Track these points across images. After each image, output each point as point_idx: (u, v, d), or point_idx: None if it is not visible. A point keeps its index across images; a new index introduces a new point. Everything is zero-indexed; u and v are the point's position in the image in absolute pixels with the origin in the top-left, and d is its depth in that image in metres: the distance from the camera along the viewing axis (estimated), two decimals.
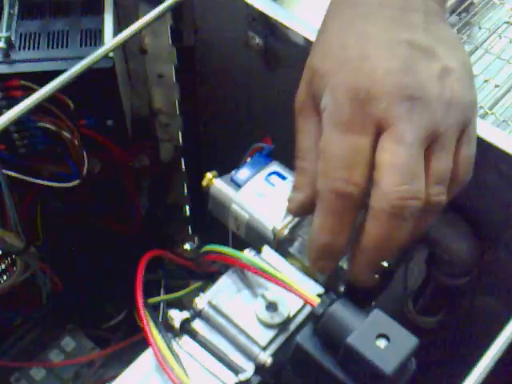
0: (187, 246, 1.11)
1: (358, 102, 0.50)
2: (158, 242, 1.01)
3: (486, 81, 1.24)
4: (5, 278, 0.88)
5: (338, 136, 0.51)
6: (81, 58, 0.68)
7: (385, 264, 0.77)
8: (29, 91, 0.68)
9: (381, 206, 0.50)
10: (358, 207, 0.51)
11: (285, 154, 0.64)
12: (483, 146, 0.60)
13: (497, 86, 1.24)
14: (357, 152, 0.50)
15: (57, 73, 0.66)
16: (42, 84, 0.66)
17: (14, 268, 0.85)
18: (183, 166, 1.02)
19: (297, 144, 0.58)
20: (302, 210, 0.57)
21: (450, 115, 0.51)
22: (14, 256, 0.85)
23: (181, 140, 0.98)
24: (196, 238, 1.13)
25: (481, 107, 1.19)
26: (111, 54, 0.72)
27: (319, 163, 0.52)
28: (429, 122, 0.50)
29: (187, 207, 1.08)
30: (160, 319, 0.65)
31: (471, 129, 0.54)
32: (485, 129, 0.61)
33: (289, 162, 0.64)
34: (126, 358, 0.56)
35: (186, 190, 1.05)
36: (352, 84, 0.51)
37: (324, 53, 0.55)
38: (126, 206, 0.97)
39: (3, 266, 0.89)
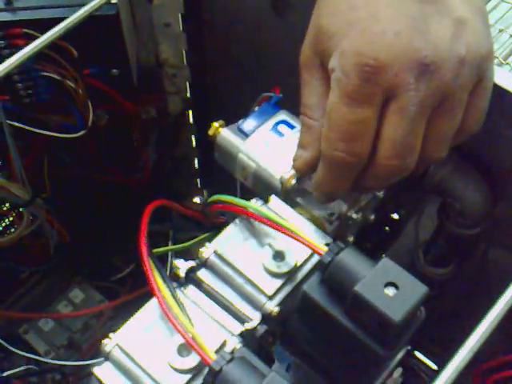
0: (196, 200, 1.11)
1: (365, 73, 0.49)
2: (167, 195, 1.01)
3: (501, 30, 1.22)
4: (12, 230, 0.88)
5: (343, 107, 0.50)
6: (85, 5, 0.66)
7: (395, 216, 0.77)
8: (32, 39, 0.67)
9: (373, 173, 0.53)
10: (359, 169, 0.53)
11: (294, 102, 0.62)
12: (499, 94, 0.58)
13: None
14: (361, 125, 0.50)
15: (60, 20, 0.65)
16: (45, 32, 0.65)
17: (21, 220, 0.84)
18: (191, 118, 1.01)
19: (302, 99, 0.57)
20: (308, 169, 0.58)
21: (463, 73, 0.50)
22: (21, 209, 0.84)
23: (188, 91, 0.97)
24: (204, 192, 1.12)
25: (495, 57, 1.17)
26: (115, 1, 0.71)
27: (324, 126, 0.53)
28: (438, 87, 0.49)
29: (195, 160, 1.07)
30: (168, 271, 0.65)
31: (487, 79, 0.53)
32: (500, 76, 0.59)
33: (298, 110, 0.63)
34: (134, 309, 0.56)
35: (194, 143, 1.04)
36: (360, 50, 0.49)
37: (331, 11, 0.53)
38: (133, 158, 0.97)
39: (11, 219, 0.89)
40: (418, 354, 0.97)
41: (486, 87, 0.54)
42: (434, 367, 0.97)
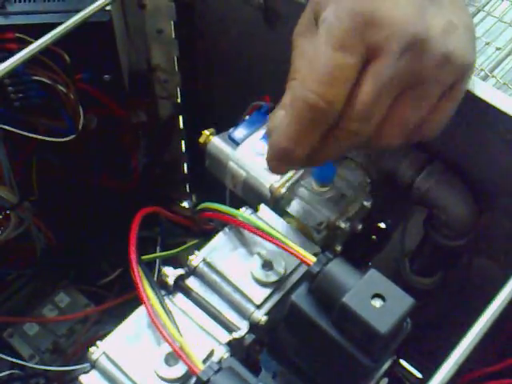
0: (185, 204, 1.11)
1: (358, 23, 0.48)
2: (156, 200, 1.01)
3: (487, 43, 1.23)
4: None
5: (327, 50, 0.49)
6: (78, 11, 0.66)
7: (382, 225, 0.78)
8: (24, 44, 0.67)
9: (335, 136, 0.51)
10: (327, 124, 0.51)
11: None
12: (483, 108, 0.59)
13: (498, 49, 1.23)
14: (340, 71, 0.49)
15: (53, 25, 0.65)
16: (37, 37, 0.65)
17: (8, 223, 0.84)
18: (181, 124, 1.01)
19: (291, 66, 0.55)
20: None
21: (443, 69, 0.51)
22: (8, 211, 0.84)
23: (179, 97, 0.97)
24: (194, 197, 1.12)
25: (481, 70, 1.18)
26: (108, 8, 0.71)
27: (303, 69, 0.52)
28: (417, 68, 0.50)
29: (185, 165, 1.07)
30: (155, 277, 0.65)
31: (460, 88, 0.54)
32: (486, 91, 0.60)
33: None
34: (120, 314, 0.56)
35: (183, 148, 1.04)
36: (359, 3, 0.49)
37: None
38: (122, 163, 0.97)
39: None
40: (402, 362, 0.98)
41: (457, 95, 0.54)
42: (419, 375, 0.97)
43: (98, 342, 0.53)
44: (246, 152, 0.65)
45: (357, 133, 0.51)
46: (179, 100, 0.98)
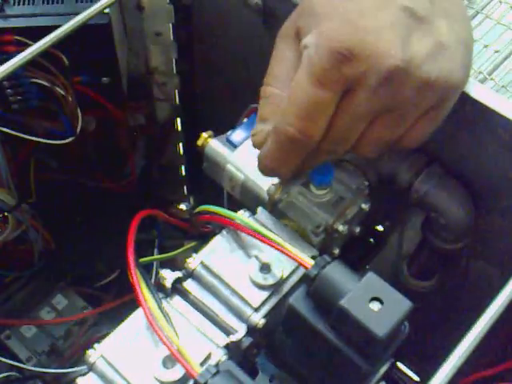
0: (182, 206, 1.11)
1: (337, 59, 0.49)
2: (153, 202, 1.01)
3: (486, 46, 1.23)
4: None
5: (307, 85, 0.51)
6: (76, 14, 0.66)
7: (380, 228, 0.78)
8: (23, 46, 0.67)
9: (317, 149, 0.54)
10: (308, 152, 0.54)
11: None
12: (482, 110, 0.59)
13: (496, 52, 1.23)
14: (319, 107, 0.51)
15: (52, 28, 0.65)
16: (36, 40, 0.65)
17: (6, 225, 0.84)
18: (179, 126, 1.01)
19: (269, 70, 0.58)
20: None
21: (424, 94, 0.51)
22: (6, 213, 0.84)
23: (177, 99, 0.97)
24: (191, 199, 1.12)
25: (480, 72, 1.18)
26: (107, 10, 0.71)
27: (285, 100, 0.53)
28: (394, 98, 0.51)
29: (183, 167, 1.08)
30: (153, 279, 0.65)
31: (444, 107, 0.55)
32: (484, 93, 0.60)
33: None
34: (117, 317, 0.56)
35: (181, 150, 1.04)
36: (339, 38, 0.50)
37: None
38: (120, 165, 0.97)
39: None
40: (400, 364, 0.97)
41: (440, 114, 0.55)
42: (417, 378, 0.97)
43: (96, 345, 0.53)
44: (244, 155, 0.65)
45: (334, 152, 0.55)
46: (177, 102, 0.98)
